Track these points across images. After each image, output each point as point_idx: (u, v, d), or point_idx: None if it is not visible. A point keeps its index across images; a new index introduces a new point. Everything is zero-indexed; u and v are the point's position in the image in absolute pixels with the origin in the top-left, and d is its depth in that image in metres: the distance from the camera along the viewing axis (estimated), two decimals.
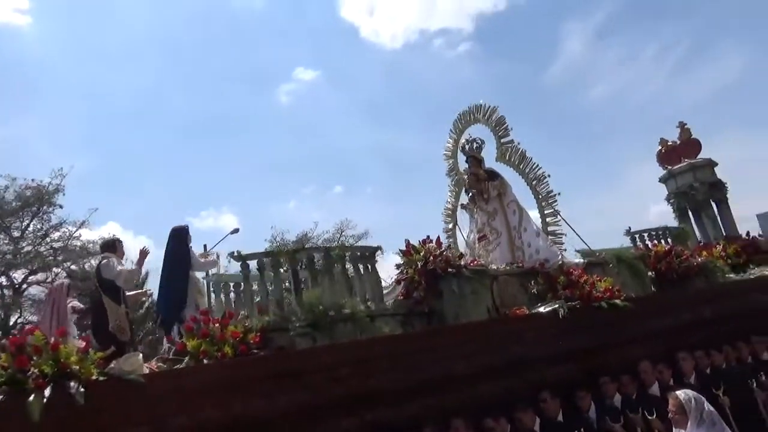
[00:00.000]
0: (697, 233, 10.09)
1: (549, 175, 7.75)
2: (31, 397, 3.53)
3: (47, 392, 3.58)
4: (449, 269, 5.89)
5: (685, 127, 10.72)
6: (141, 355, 4.19)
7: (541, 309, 6.32)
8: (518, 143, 7.90)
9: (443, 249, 6.09)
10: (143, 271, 4.82)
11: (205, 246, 5.73)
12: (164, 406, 4.09)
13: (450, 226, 8.65)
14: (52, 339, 3.79)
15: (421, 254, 5.99)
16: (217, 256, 5.54)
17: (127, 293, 4.80)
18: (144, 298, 5.29)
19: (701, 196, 10.06)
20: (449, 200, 8.79)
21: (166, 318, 4.74)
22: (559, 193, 7.72)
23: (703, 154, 10.46)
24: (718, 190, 10.15)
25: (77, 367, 3.79)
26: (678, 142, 10.72)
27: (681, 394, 4.20)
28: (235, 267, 6.02)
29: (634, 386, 6.19)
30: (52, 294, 5.16)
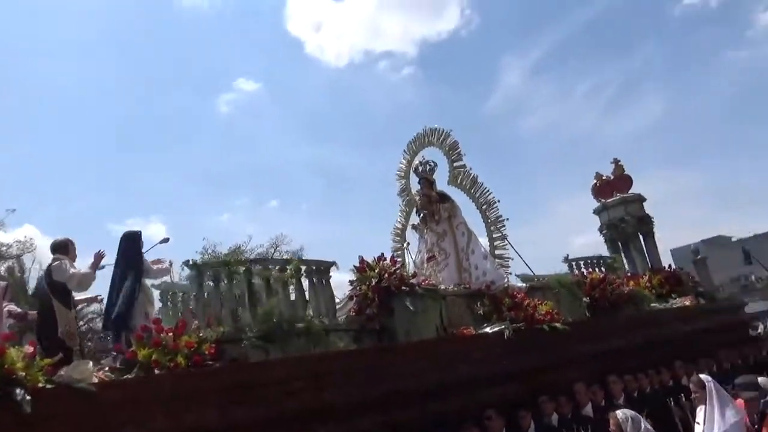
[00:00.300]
0: (625, 264, 10.74)
1: (499, 201, 8.10)
2: None
3: None
4: (403, 287, 5.98)
5: (619, 163, 11.48)
6: (91, 363, 4.01)
7: (487, 329, 6.53)
8: (470, 168, 8.21)
9: (397, 267, 6.19)
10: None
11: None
12: (115, 416, 3.93)
13: (399, 245, 8.79)
14: None
15: (376, 271, 6.05)
16: (170, 264, 5.38)
17: (77, 297, 4.58)
18: (96, 304, 5.04)
19: (630, 229, 10.75)
20: (400, 220, 8.94)
21: (115, 326, 4.55)
22: (507, 219, 8.07)
23: (633, 189, 11.21)
24: (645, 224, 10.89)
25: (23, 374, 3.58)
26: (612, 177, 11.43)
27: (620, 413, 4.47)
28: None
29: (570, 406, 6.48)
30: None
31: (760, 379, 5.19)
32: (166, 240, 6.33)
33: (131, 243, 5.15)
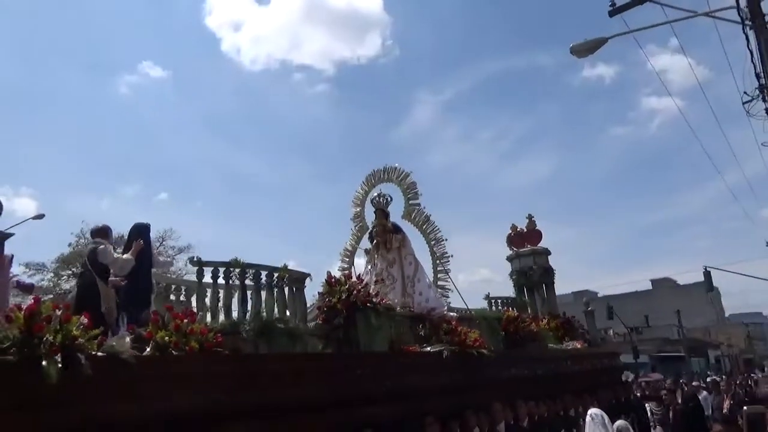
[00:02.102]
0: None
1: (446, 239, 9.27)
2: (45, 362, 3.80)
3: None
4: (368, 303, 6.88)
5: (532, 219, 13.17)
6: (128, 338, 4.55)
7: (428, 349, 7.56)
8: (424, 207, 9.34)
9: (363, 285, 7.08)
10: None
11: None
12: (145, 387, 4.47)
13: (347, 266, 9.65)
14: None
15: (346, 287, 6.91)
16: (171, 258, 5.90)
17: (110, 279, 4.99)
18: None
19: (537, 277, 12.37)
20: (350, 242, 9.81)
21: (136, 308, 5.03)
22: (452, 255, 9.26)
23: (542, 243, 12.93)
24: (548, 274, 12.58)
25: (82, 341, 4.09)
26: (525, 229, 13.08)
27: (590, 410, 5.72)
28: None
29: (487, 422, 7.66)
30: None
31: (618, 423, 6.42)
32: (40, 216, 6.57)
33: (144, 233, 5.66)
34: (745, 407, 7.92)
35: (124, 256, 4.98)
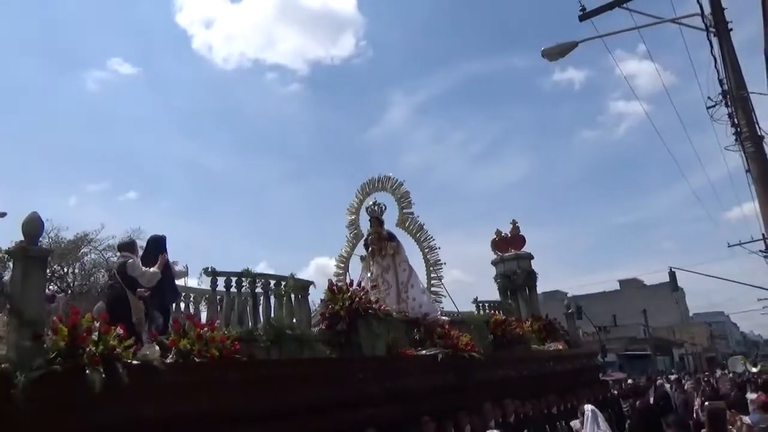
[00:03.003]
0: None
1: (439, 247, 9.69)
2: (89, 371, 4.07)
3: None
4: (369, 310, 7.24)
5: (516, 224, 13.67)
6: (157, 346, 4.83)
7: (423, 352, 7.96)
8: (417, 216, 9.74)
9: (365, 292, 7.44)
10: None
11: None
12: (171, 391, 4.77)
13: (342, 271, 9.98)
14: None
15: (348, 295, 7.25)
16: (186, 268, 6.15)
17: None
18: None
19: (520, 281, 12.88)
20: (345, 249, 10.14)
21: (164, 317, 5.30)
22: (444, 263, 9.68)
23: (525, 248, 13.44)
24: (531, 278, 13.10)
25: (119, 350, 4.37)
26: (509, 235, 13.57)
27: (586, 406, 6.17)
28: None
29: (478, 420, 8.09)
30: None
31: (574, 422, 6.86)
32: (2, 215, 6.58)
33: (161, 245, 5.93)
34: (706, 402, 8.39)
35: (151, 269, 5.26)
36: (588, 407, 6.15)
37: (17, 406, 3.63)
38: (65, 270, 24.82)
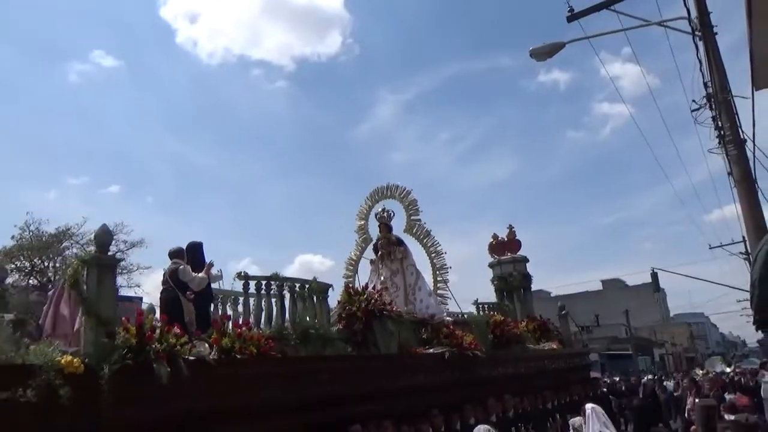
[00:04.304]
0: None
1: (445, 252, 10.30)
2: (157, 366, 4.60)
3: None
4: (384, 311, 7.81)
5: (512, 229, 14.32)
6: (207, 344, 5.36)
7: (431, 350, 8.55)
8: (425, 223, 10.34)
9: (379, 295, 8.00)
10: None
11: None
12: (220, 385, 5.30)
13: (351, 274, 10.53)
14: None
15: (364, 297, 7.81)
16: (220, 272, 6.67)
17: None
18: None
19: (516, 283, 13.51)
20: (355, 253, 10.68)
21: (200, 324, 5.84)
22: (450, 267, 10.30)
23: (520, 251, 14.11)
24: (527, 280, 13.74)
25: (179, 347, 4.90)
26: (505, 239, 14.21)
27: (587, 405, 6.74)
28: None
29: (482, 414, 8.70)
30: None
31: (573, 420, 7.38)
32: None
33: (199, 251, 6.45)
34: (697, 400, 8.92)
35: (200, 275, 5.79)
36: (589, 406, 6.72)
37: (103, 396, 4.15)
38: (46, 264, 24.38)
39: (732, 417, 6.62)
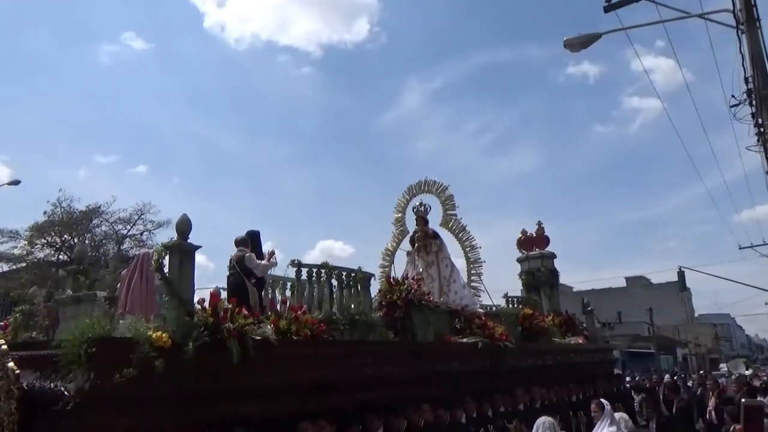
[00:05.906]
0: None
1: (480, 247, 10.75)
2: (230, 344, 5.14)
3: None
4: (422, 301, 8.28)
5: (541, 225, 14.67)
6: (270, 325, 5.89)
7: (465, 340, 9.01)
8: (460, 218, 10.79)
9: (418, 285, 8.47)
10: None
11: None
12: (281, 363, 5.83)
13: (387, 264, 11.03)
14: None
15: (405, 287, 8.28)
16: (275, 259, 7.19)
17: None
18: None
19: (543, 278, 13.88)
20: (391, 244, 11.18)
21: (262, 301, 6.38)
22: (484, 261, 10.74)
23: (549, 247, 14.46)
24: (554, 275, 14.11)
25: (248, 328, 5.43)
26: (534, 235, 14.56)
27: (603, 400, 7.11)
28: None
29: (510, 402, 9.15)
30: (141, 261, 6.27)
31: (618, 414, 7.56)
32: (16, 182, 7.60)
33: (256, 239, 6.99)
34: (743, 399, 8.22)
35: (263, 262, 6.34)
36: (603, 401, 7.00)
37: (187, 368, 4.70)
38: (75, 240, 24.87)
39: None
